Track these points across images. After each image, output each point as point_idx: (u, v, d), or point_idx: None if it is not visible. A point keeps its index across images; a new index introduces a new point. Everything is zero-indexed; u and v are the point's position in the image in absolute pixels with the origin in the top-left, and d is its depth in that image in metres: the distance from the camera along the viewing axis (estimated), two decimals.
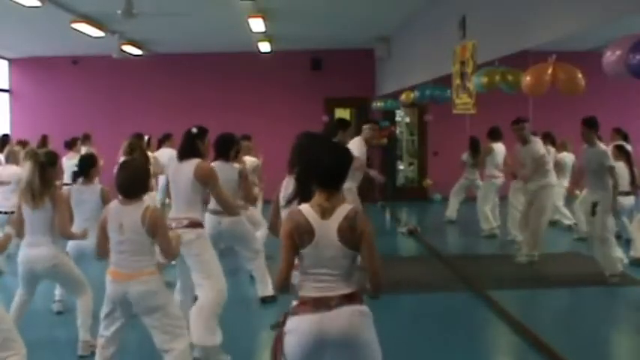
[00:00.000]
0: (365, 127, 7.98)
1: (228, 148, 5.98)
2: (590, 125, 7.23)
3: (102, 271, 4.36)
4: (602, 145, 7.30)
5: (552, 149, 10.55)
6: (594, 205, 7.10)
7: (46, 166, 4.95)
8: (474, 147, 10.54)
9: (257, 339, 5.85)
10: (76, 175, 5.94)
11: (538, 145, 8.14)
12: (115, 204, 4.11)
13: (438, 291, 7.27)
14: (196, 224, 5.01)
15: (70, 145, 11.09)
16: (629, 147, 8.89)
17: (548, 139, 10.70)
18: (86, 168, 5.77)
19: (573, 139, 9.70)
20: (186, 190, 5.04)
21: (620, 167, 7.89)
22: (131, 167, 4.22)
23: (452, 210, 11.46)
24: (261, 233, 7.47)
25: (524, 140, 8.02)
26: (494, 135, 9.96)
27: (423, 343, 5.62)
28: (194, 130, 5.16)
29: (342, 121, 8.13)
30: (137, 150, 7.14)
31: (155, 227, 3.95)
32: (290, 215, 3.11)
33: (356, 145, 7.26)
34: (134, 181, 4.06)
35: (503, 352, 5.84)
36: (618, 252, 7.30)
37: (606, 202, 7.06)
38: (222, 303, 4.99)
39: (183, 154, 5.11)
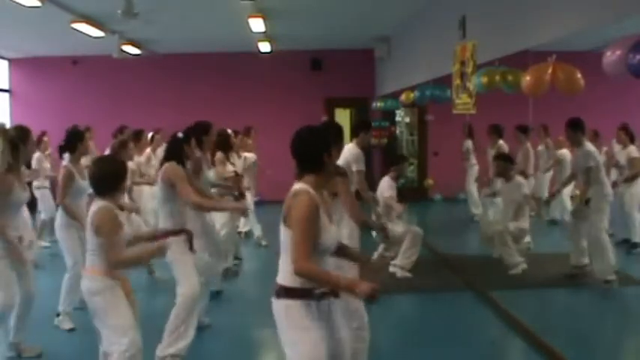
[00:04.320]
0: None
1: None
2: (575, 127, 7.23)
3: None
4: (588, 146, 7.27)
5: (550, 142, 10.68)
6: (587, 201, 7.09)
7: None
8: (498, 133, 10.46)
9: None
10: (61, 150, 5.96)
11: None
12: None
13: (437, 291, 7.27)
14: (166, 234, 4.87)
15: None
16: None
17: (545, 132, 10.80)
18: (73, 142, 5.85)
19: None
20: (159, 197, 5.18)
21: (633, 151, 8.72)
22: (101, 165, 4.11)
23: (477, 205, 11.41)
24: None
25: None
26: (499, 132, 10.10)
27: (423, 343, 5.62)
28: (180, 134, 5.27)
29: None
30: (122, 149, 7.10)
31: (98, 228, 3.86)
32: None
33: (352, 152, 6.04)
34: (100, 179, 3.98)
35: (503, 353, 5.83)
36: (612, 255, 7.13)
37: (599, 200, 7.04)
38: (189, 306, 4.93)
39: (164, 158, 5.21)
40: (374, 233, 7.57)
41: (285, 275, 3.06)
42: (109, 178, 3.97)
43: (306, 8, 10.10)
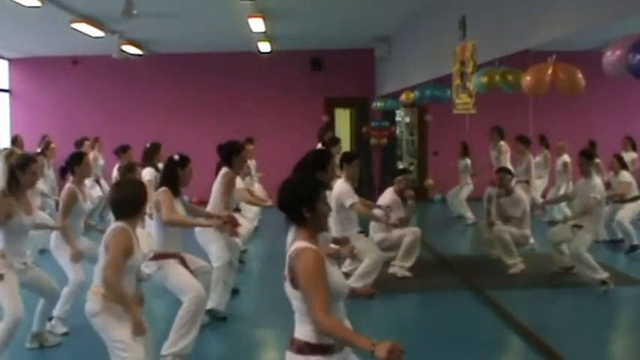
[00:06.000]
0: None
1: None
2: (590, 157, 7.29)
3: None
4: (596, 179, 7.26)
5: (547, 152, 10.73)
6: (577, 226, 7.10)
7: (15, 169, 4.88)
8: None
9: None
10: (62, 172, 5.93)
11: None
12: None
13: (438, 291, 7.27)
14: (157, 256, 5.08)
15: (78, 145, 11.12)
16: (634, 154, 9.32)
17: (542, 142, 10.84)
18: (71, 165, 5.80)
19: (571, 141, 9.85)
20: (155, 219, 5.26)
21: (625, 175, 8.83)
22: (121, 189, 4.12)
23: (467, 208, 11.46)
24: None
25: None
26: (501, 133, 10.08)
27: (423, 343, 5.61)
28: (175, 157, 5.32)
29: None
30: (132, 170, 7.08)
31: (107, 245, 3.87)
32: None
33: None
34: (120, 203, 3.99)
35: (503, 353, 5.83)
36: (593, 261, 7.04)
37: (590, 229, 7.02)
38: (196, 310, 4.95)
39: (161, 183, 5.33)
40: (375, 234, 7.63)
41: (305, 332, 2.89)
42: (129, 203, 3.96)
43: (306, 8, 10.09)
